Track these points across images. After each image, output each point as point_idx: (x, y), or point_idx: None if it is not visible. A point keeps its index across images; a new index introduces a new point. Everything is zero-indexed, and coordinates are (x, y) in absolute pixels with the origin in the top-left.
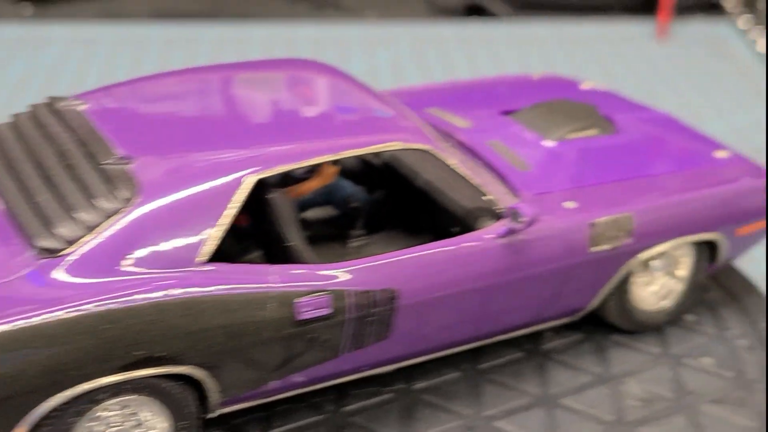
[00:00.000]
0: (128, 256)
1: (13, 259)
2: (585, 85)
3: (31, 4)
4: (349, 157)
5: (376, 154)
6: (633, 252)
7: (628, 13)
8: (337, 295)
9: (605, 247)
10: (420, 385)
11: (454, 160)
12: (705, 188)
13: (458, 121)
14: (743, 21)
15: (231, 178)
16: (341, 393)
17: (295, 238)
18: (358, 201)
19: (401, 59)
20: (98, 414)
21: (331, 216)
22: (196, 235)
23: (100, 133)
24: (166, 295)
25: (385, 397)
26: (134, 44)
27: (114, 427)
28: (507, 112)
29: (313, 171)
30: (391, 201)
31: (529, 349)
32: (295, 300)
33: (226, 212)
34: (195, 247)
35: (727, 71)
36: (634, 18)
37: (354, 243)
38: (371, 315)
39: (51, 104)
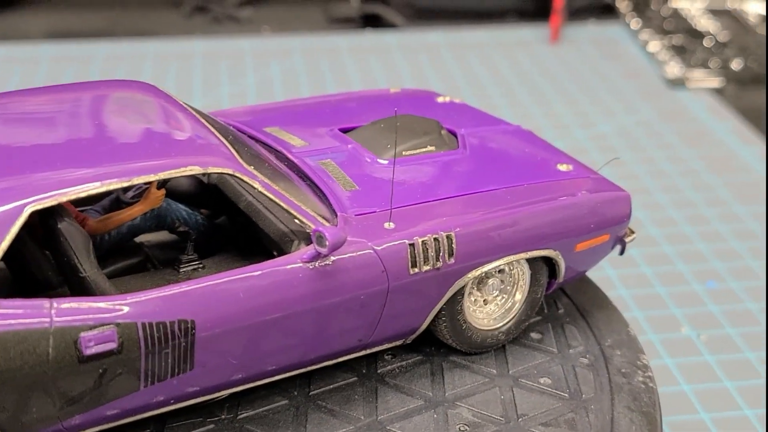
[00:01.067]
0: None
1: None
2: (441, 99)
3: None
4: (181, 180)
5: (206, 177)
6: (459, 272)
7: (523, 19)
8: (125, 327)
9: (426, 268)
10: (245, 414)
11: (258, 183)
12: (539, 203)
13: (294, 140)
14: (635, 23)
15: (11, 210)
16: (159, 424)
17: (88, 269)
18: (188, 224)
19: (295, 71)
20: None
21: (170, 241)
22: None
23: None
24: None
25: (207, 428)
26: (26, 63)
27: None
28: (348, 130)
29: (140, 194)
30: (228, 224)
31: (363, 373)
32: (81, 335)
33: (1, 245)
34: None
35: (618, 72)
36: (528, 23)
37: (185, 268)
38: (167, 347)
39: None
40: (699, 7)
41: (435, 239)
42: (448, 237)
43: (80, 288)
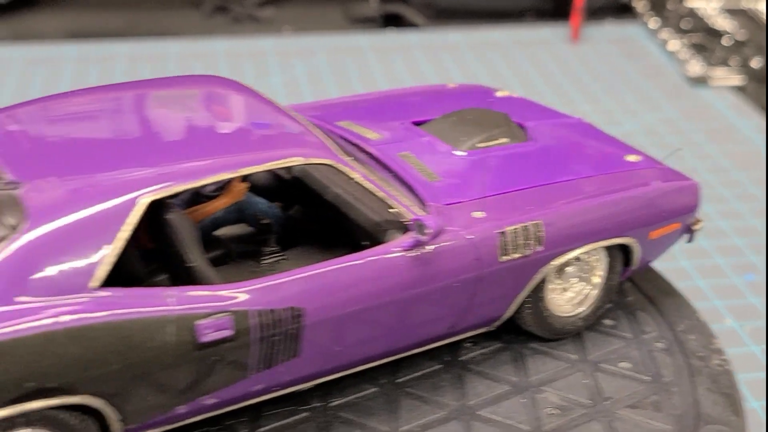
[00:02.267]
0: (16, 285)
1: None
2: (500, 93)
3: None
4: (260, 173)
5: (287, 170)
6: (545, 259)
7: (541, 19)
8: (240, 315)
9: (515, 255)
10: (337, 402)
11: (357, 173)
12: (616, 192)
13: (369, 134)
14: (653, 22)
15: (124, 200)
16: (256, 414)
17: (196, 259)
18: (268, 217)
19: (319, 70)
20: None
21: (245, 234)
22: (88, 259)
23: None
24: (55, 324)
25: (302, 416)
26: (49, 63)
27: None
28: (419, 123)
29: (222, 188)
30: (305, 216)
31: (447, 360)
32: (196, 322)
33: (119, 235)
34: (87, 273)
35: (639, 71)
36: (547, 23)
37: (267, 260)
38: (277, 334)
39: None
40: (715, 7)
41: (524, 227)
42: (535, 225)
43: (187, 277)
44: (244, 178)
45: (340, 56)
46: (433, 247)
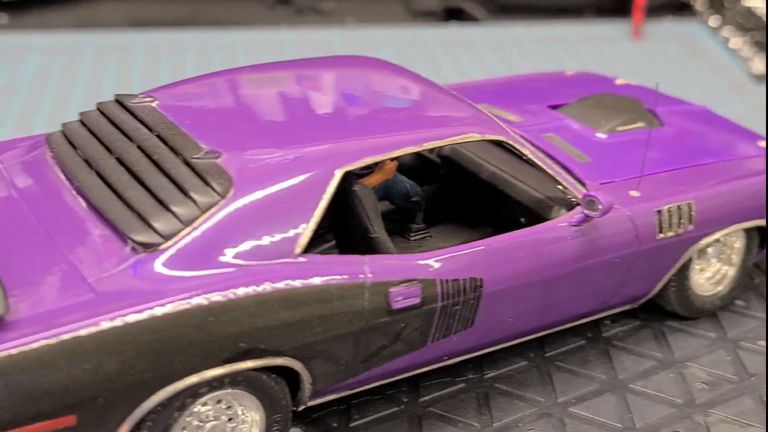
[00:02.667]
0: (226, 249)
1: (108, 254)
2: (619, 81)
3: (5, 13)
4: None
5: (433, 150)
6: (694, 239)
7: (601, 15)
8: (428, 283)
9: (670, 234)
10: (491, 374)
11: (527, 150)
12: (757, 176)
13: (510, 116)
14: (713, 20)
15: (324, 171)
16: (414, 384)
17: (378, 230)
18: (418, 195)
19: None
20: (196, 409)
21: (389, 211)
22: (293, 227)
23: (181, 128)
24: (267, 287)
25: (459, 386)
26: (117, 52)
27: (209, 422)
28: (553, 107)
29: (370, 167)
30: (447, 195)
31: (590, 336)
32: (390, 289)
33: (319, 204)
34: (292, 240)
35: (703, 68)
36: (607, 19)
37: (415, 236)
38: (458, 303)
39: (120, 102)
40: None
41: (678, 207)
42: (688, 205)
43: (368, 247)
44: (395, 157)
45: (405, 49)
46: (597, 223)
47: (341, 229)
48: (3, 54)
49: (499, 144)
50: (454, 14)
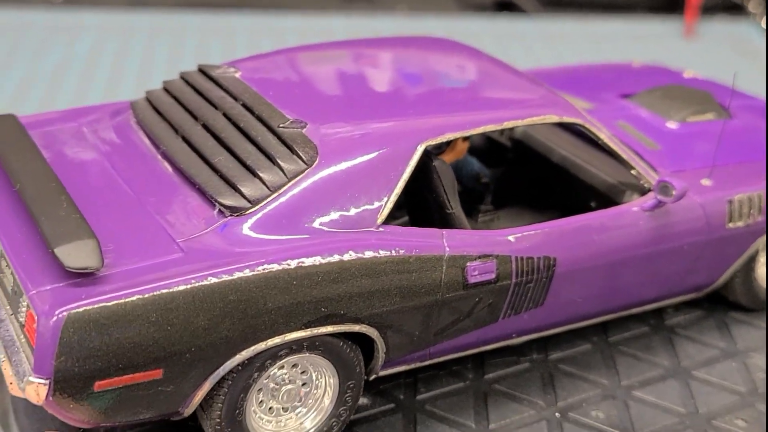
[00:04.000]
0: (312, 216)
1: (195, 217)
2: (687, 74)
3: None
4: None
5: (503, 132)
6: (762, 230)
7: (652, 12)
8: (503, 260)
9: (740, 224)
10: (555, 355)
11: (603, 134)
12: None
13: (580, 103)
14: (765, 22)
15: (407, 145)
16: (479, 362)
17: (456, 206)
18: (487, 177)
19: None
20: (273, 372)
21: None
22: (375, 198)
23: (265, 98)
24: (351, 255)
25: (524, 366)
26: (169, 32)
27: (285, 385)
28: (624, 96)
29: (440, 147)
30: (516, 177)
31: (653, 323)
32: (467, 264)
33: (402, 177)
34: (375, 210)
35: (757, 69)
36: (659, 17)
37: (483, 218)
38: (531, 281)
39: (204, 71)
40: None
41: (749, 197)
42: (758, 196)
43: (444, 223)
44: (466, 138)
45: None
46: (669, 209)
47: (416, 204)
48: (57, 32)
49: (570, 129)
50: (505, 6)
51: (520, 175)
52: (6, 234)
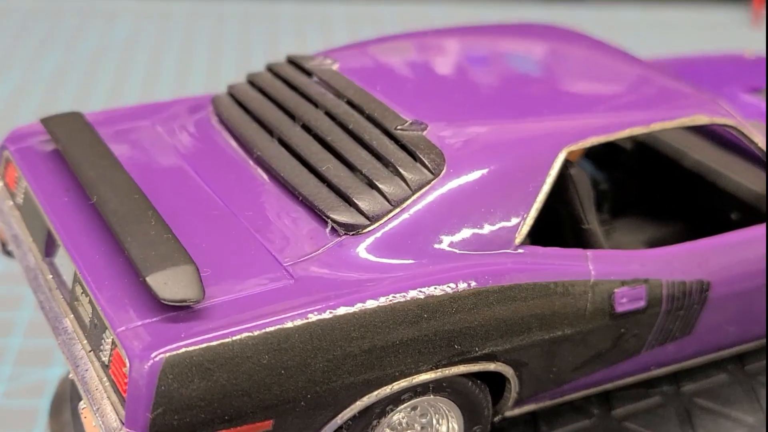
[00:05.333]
0: (440, 235)
1: (303, 235)
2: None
3: None
4: None
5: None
6: None
7: (718, 0)
8: (654, 285)
9: None
10: (689, 387)
11: (759, 139)
12: None
13: None
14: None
15: (549, 150)
16: (604, 396)
17: (593, 221)
18: (606, 184)
19: None
20: (393, 417)
21: None
22: (513, 213)
23: (373, 95)
24: (487, 281)
25: (655, 400)
26: (209, 19)
27: (404, 430)
28: (750, 91)
29: None
30: (634, 184)
31: None
32: (616, 290)
33: (543, 188)
34: (513, 228)
35: None
36: (726, 4)
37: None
38: (681, 308)
39: (296, 63)
40: None
41: None
42: None
43: (578, 240)
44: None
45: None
46: None
47: (545, 218)
48: (93, 18)
49: (704, 131)
50: None
51: (641, 182)
52: (82, 256)
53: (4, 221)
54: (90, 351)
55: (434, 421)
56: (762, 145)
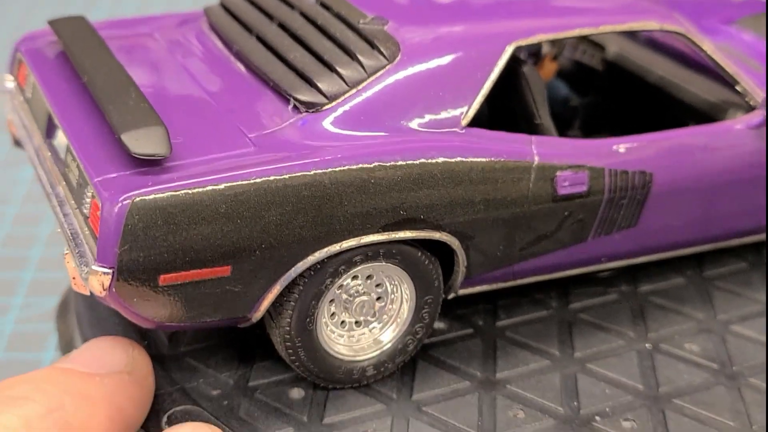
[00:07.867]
0: (392, 114)
1: (269, 113)
2: None
3: None
4: (566, 59)
5: (596, 56)
6: None
7: None
8: (595, 172)
9: None
10: (646, 287)
11: (707, 45)
12: None
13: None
14: None
15: (496, 45)
16: (563, 291)
17: (545, 116)
18: (577, 101)
19: None
20: (345, 282)
21: None
22: (461, 98)
23: None
24: (433, 157)
25: (611, 297)
26: None
27: (358, 296)
28: (726, 23)
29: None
30: (606, 106)
31: (751, 260)
32: (557, 173)
33: (489, 77)
34: (461, 111)
35: None
36: None
37: None
38: (624, 198)
39: None
40: None
41: None
42: None
43: (531, 134)
44: (554, 58)
45: None
46: None
47: (502, 112)
48: None
49: (667, 51)
50: None
51: (612, 102)
52: (72, 126)
53: (16, 114)
54: (76, 208)
55: (389, 289)
56: (710, 52)
